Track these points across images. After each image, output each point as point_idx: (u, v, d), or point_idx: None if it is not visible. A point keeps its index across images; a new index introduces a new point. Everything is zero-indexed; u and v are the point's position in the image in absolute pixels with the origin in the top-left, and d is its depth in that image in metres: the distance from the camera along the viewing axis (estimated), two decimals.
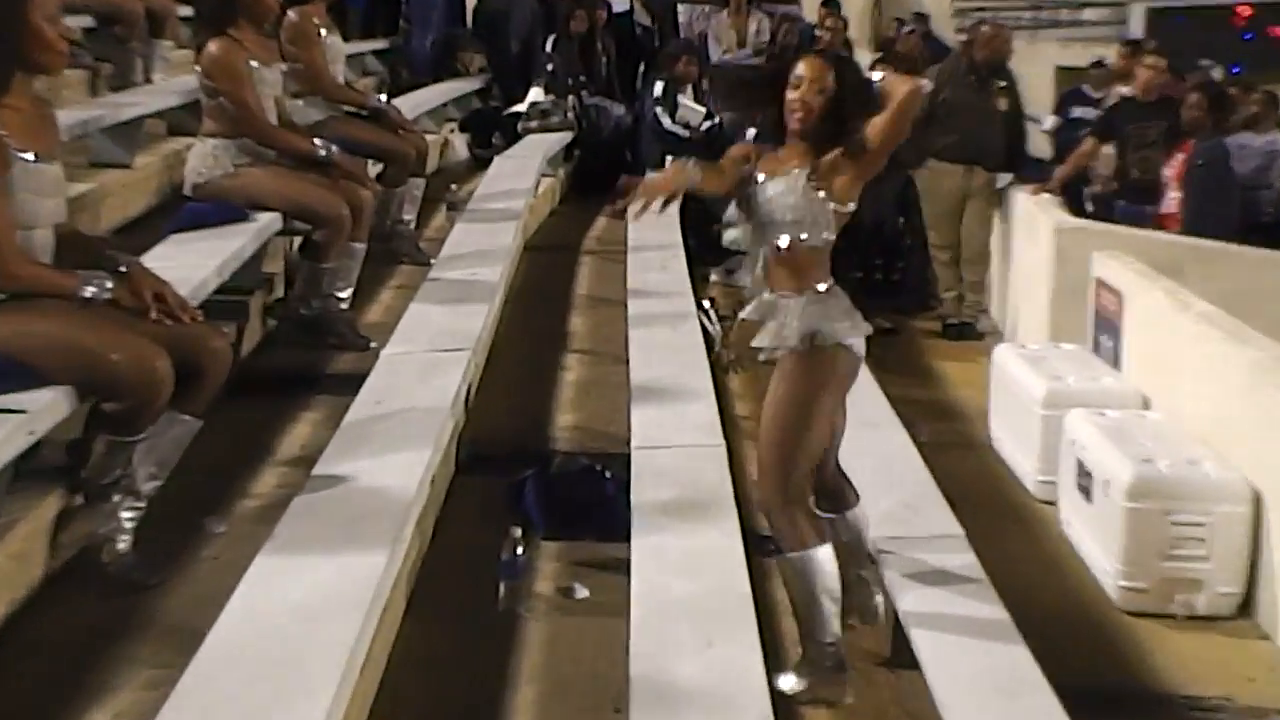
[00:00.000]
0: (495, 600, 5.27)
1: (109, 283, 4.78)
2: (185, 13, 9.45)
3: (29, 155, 4.63)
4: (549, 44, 13.63)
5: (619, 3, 14.64)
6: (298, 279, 7.56)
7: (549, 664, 4.98)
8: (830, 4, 15.33)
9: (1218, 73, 15.32)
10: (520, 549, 5.37)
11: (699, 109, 12.73)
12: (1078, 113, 13.58)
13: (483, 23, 14.47)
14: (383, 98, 9.44)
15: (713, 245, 10.58)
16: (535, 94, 13.29)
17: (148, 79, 9.61)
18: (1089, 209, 11.65)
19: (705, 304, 8.63)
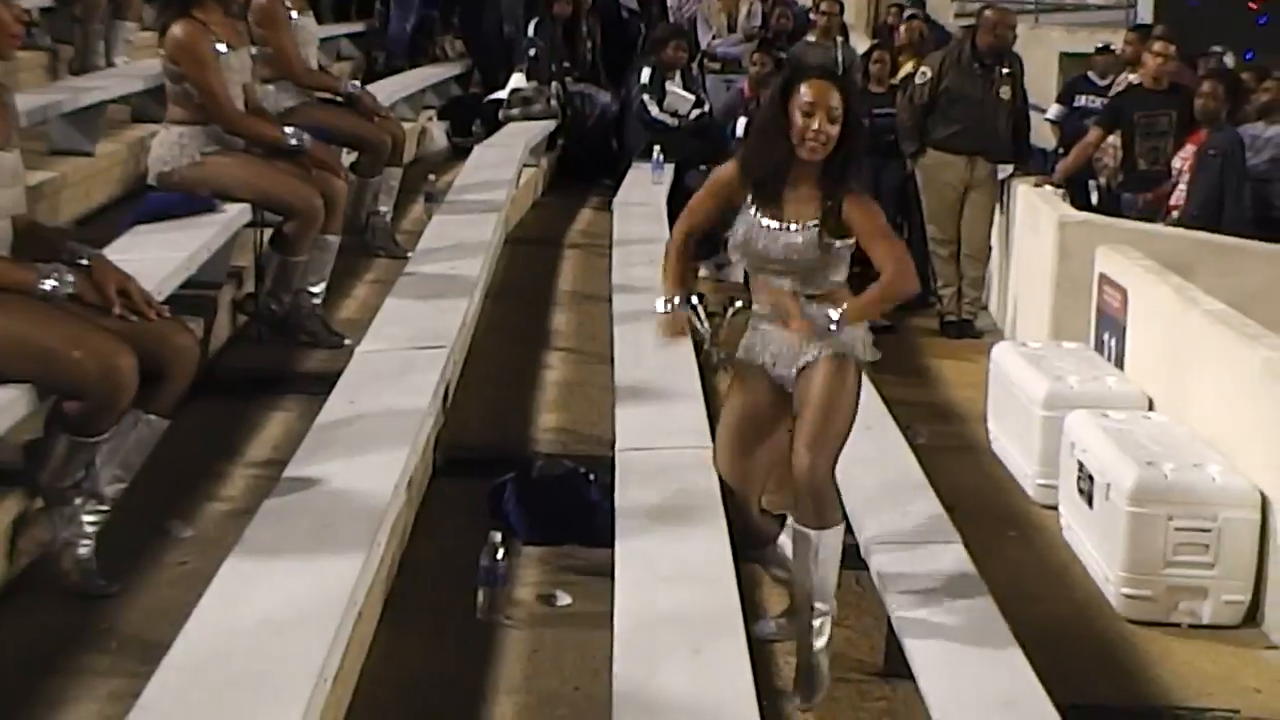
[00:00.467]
0: (474, 608, 5.29)
1: (70, 276, 4.77)
2: None
3: None
4: (531, 28, 13.64)
5: None
6: (268, 273, 7.56)
7: (530, 675, 5.01)
8: None
9: (1230, 59, 15.29)
10: (500, 555, 5.39)
11: (688, 96, 12.75)
12: (1083, 101, 13.63)
13: (463, 5, 14.48)
14: (357, 83, 9.46)
15: (702, 240, 10.60)
16: (517, 80, 13.30)
17: (110, 62, 9.63)
18: (1094, 202, 11.70)
19: (693, 301, 8.64)
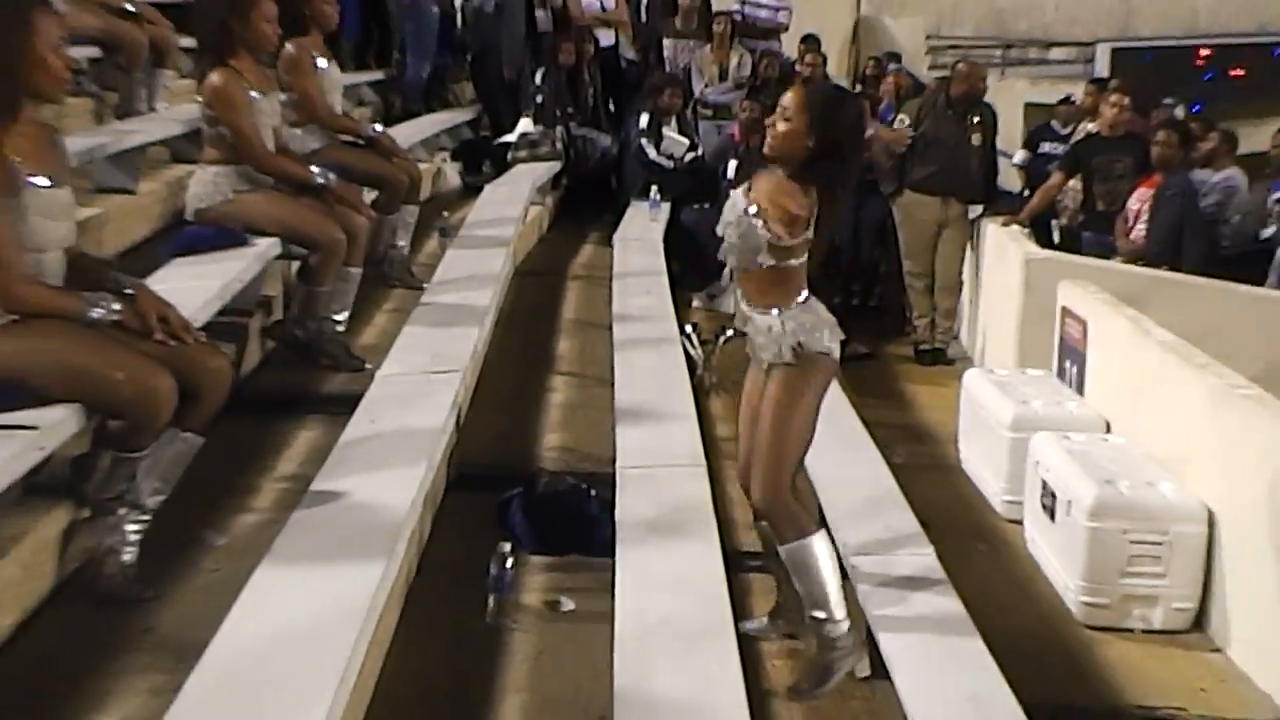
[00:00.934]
0: (484, 613, 5.29)
1: (115, 304, 4.78)
2: (187, 43, 9.43)
3: (42, 180, 4.64)
4: (538, 76, 13.64)
5: (606, 36, 14.62)
6: (295, 302, 7.54)
7: (535, 676, 5.00)
8: (810, 40, 15.38)
9: (1179, 110, 15.41)
10: (508, 564, 5.38)
11: (682, 140, 12.76)
12: (1046, 148, 13.68)
13: (474, 55, 14.50)
14: (377, 127, 9.42)
15: (696, 271, 10.63)
16: (524, 124, 13.32)
17: (151, 108, 9.60)
18: (1056, 240, 11.74)
19: (688, 329, 8.67)
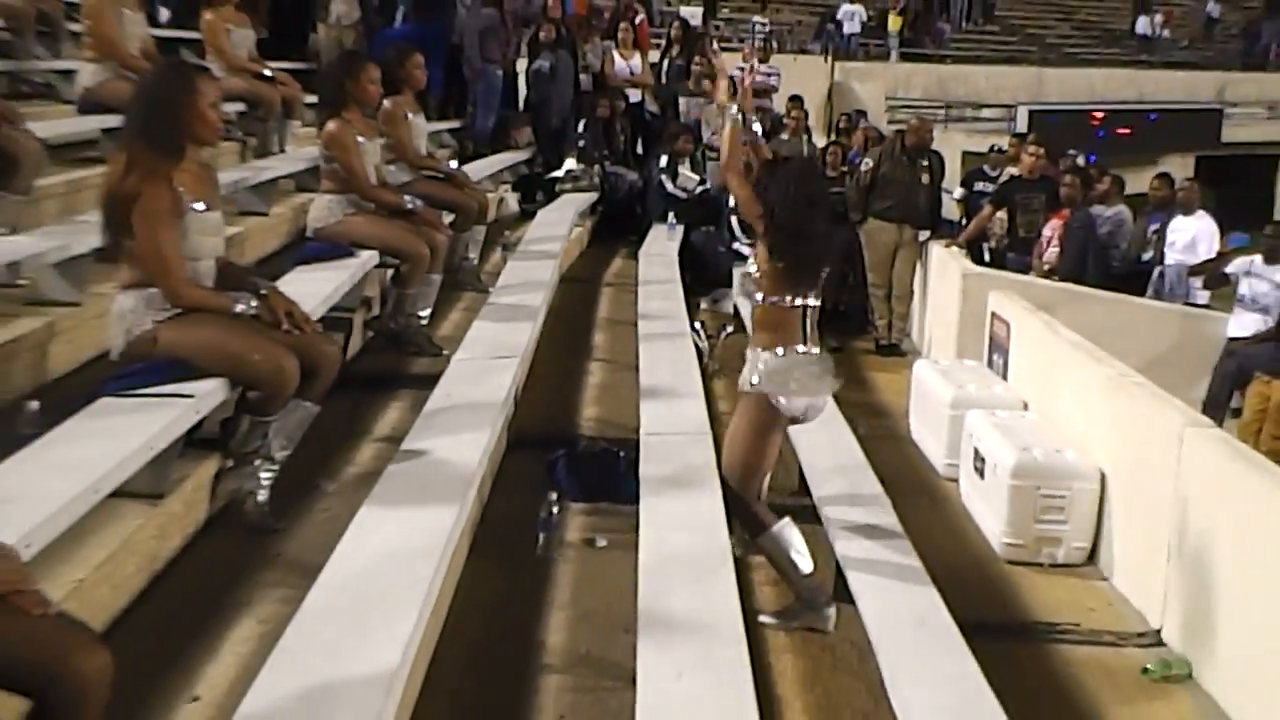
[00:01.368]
0: (535, 548, 5.33)
1: (253, 302, 4.87)
2: (310, 100, 9.49)
3: (199, 205, 4.71)
4: (580, 125, 13.68)
5: (633, 94, 14.67)
6: (388, 301, 7.61)
7: (576, 596, 5.05)
8: (795, 99, 15.41)
9: (1080, 159, 15.39)
10: (555, 510, 5.43)
11: (693, 177, 12.76)
12: (979, 186, 13.65)
13: (531, 109, 14.53)
14: (454, 164, 9.44)
15: (702, 280, 10.63)
16: (570, 163, 13.31)
17: (281, 149, 9.64)
18: (986, 259, 11.75)
19: (696, 325, 8.67)
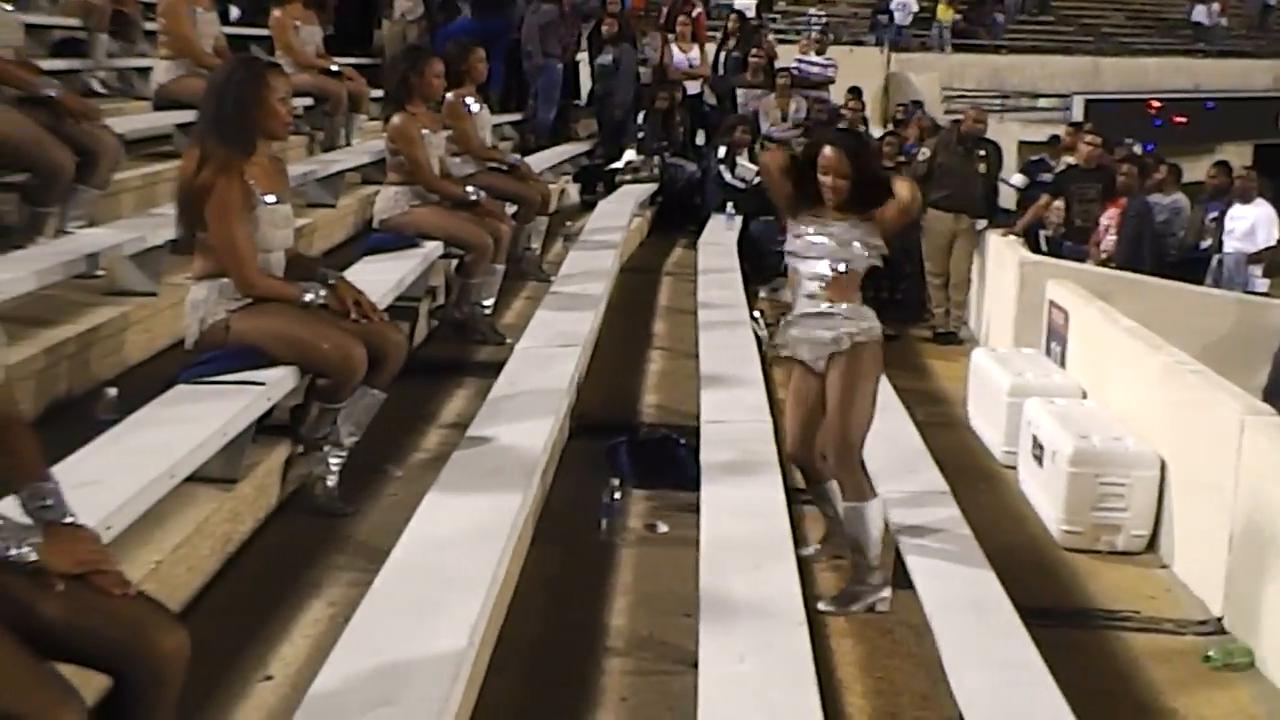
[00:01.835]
0: (597, 532, 5.31)
1: (322, 291, 4.88)
2: (376, 94, 9.52)
3: (270, 198, 4.72)
4: (640, 117, 13.62)
5: (692, 87, 14.58)
6: (453, 291, 7.62)
7: (637, 580, 5.02)
8: (854, 91, 15.33)
9: (1137, 148, 15.23)
10: (616, 495, 5.41)
11: (751, 167, 12.69)
12: (1042, 177, 13.51)
13: (592, 101, 14.51)
14: (517, 156, 9.44)
15: (761, 269, 10.57)
16: (629, 155, 13.29)
17: (348, 143, 9.69)
18: (1043, 248, 11.63)
19: (756, 314, 8.62)
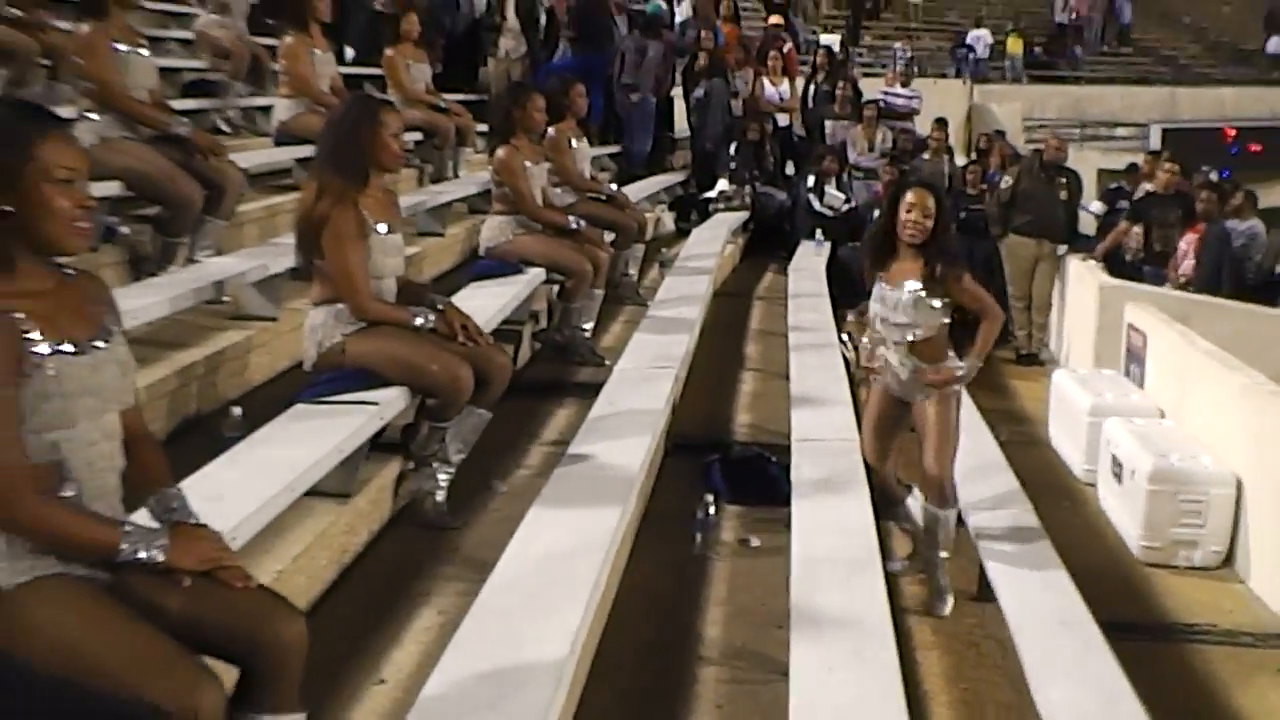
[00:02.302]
0: (692, 546, 5.30)
1: (431, 316, 4.92)
2: (481, 128, 9.63)
3: (382, 227, 4.79)
4: (732, 148, 13.63)
5: (782, 119, 14.56)
6: (555, 314, 7.67)
7: (730, 593, 5.00)
8: (940, 121, 15.21)
9: (1214, 175, 15.00)
10: (710, 511, 5.39)
11: (840, 195, 12.70)
12: (1121, 204, 13.36)
13: (692, 132, 14.54)
14: (614, 186, 9.49)
15: (850, 293, 10.52)
16: (722, 184, 13.32)
17: (455, 175, 9.80)
18: (1123, 272, 11.49)
19: (844, 336, 8.56)
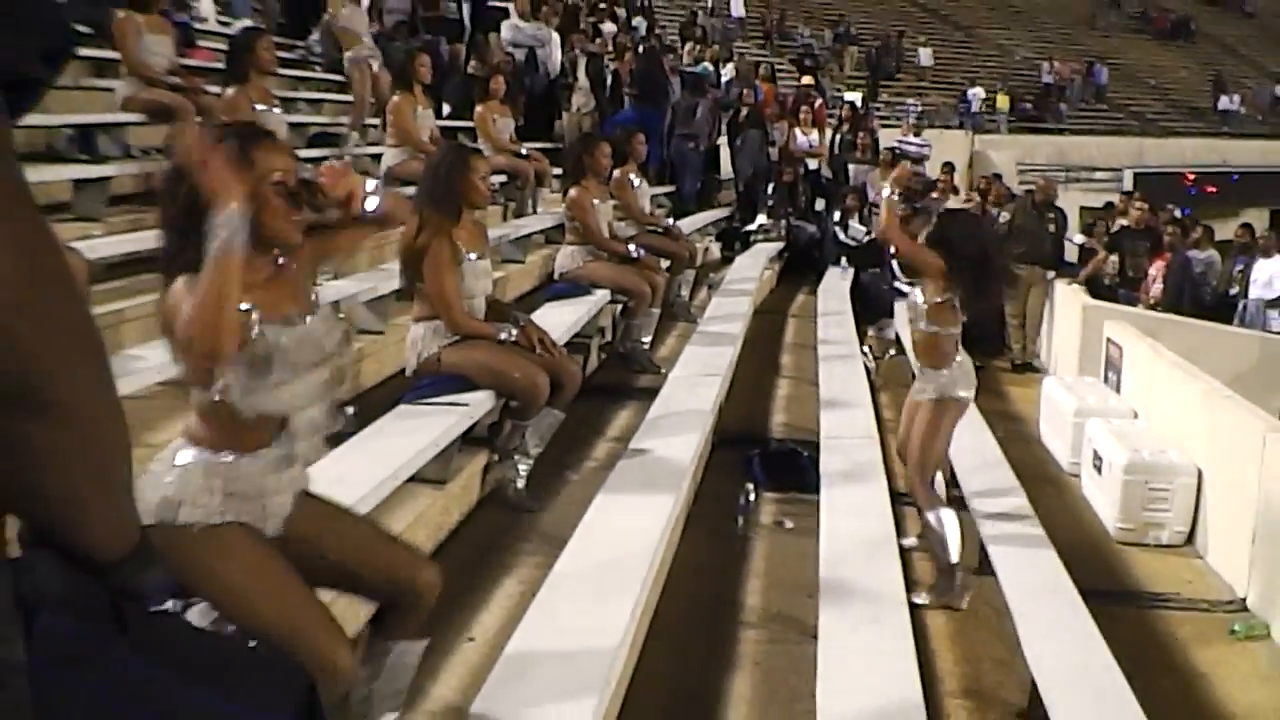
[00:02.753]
0: (735, 528, 5.30)
1: (514, 331, 4.92)
2: (556, 172, 9.64)
3: (473, 255, 4.79)
4: (769, 188, 13.62)
5: (812, 163, 14.53)
6: (618, 329, 7.66)
7: (768, 566, 5.00)
8: (947, 165, 15.28)
9: (1177, 213, 14.94)
10: (751, 497, 5.42)
11: (862, 228, 12.65)
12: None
13: (735, 173, 14.53)
14: (670, 220, 9.48)
15: (870, 312, 10.47)
16: (761, 219, 13.35)
17: (534, 211, 9.82)
18: (1102, 294, 11.42)
19: (865, 349, 8.58)
